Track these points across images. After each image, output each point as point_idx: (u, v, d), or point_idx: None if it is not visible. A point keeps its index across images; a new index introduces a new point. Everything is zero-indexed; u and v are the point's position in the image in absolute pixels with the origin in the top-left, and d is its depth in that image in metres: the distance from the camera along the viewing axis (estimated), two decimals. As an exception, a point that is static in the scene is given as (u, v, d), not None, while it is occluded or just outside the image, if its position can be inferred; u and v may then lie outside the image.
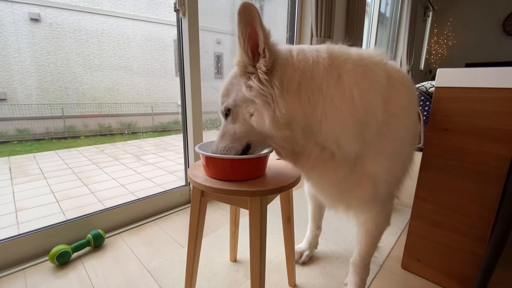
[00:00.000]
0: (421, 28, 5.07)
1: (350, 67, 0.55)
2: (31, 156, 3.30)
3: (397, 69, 0.62)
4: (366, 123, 0.54)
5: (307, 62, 0.55)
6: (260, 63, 0.54)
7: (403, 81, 0.60)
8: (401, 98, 0.58)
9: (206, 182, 0.64)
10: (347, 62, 0.56)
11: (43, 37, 3.76)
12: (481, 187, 0.81)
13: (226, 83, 0.62)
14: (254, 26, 0.52)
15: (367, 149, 0.58)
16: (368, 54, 0.59)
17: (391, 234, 1.26)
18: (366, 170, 0.60)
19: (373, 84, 0.55)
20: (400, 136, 0.60)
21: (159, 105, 5.28)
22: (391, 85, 0.57)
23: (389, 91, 0.57)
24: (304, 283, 0.95)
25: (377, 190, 0.62)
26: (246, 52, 0.55)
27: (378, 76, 0.56)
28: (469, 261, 0.87)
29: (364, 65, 0.56)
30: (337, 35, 2.23)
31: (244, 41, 0.54)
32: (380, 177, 0.61)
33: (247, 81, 0.56)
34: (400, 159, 0.63)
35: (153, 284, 0.93)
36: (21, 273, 0.97)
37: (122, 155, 3.46)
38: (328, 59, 0.55)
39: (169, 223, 1.34)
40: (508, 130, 0.75)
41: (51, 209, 1.81)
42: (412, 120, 0.62)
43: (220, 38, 4.33)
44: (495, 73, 0.75)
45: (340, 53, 0.57)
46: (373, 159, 0.59)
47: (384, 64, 0.59)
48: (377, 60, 0.58)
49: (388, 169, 0.61)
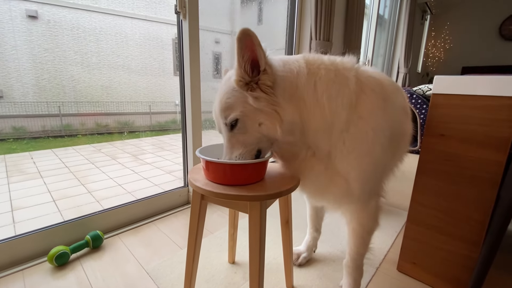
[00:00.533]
0: (419, 31, 5.11)
1: (323, 72, 0.63)
2: (27, 154, 3.28)
3: (370, 76, 0.67)
4: (332, 123, 0.63)
5: (292, 73, 0.63)
6: (264, 79, 0.59)
7: (374, 87, 0.65)
8: (370, 103, 0.64)
9: (207, 186, 0.65)
10: (321, 68, 0.64)
11: (41, 35, 3.73)
12: (476, 192, 0.83)
13: (225, 96, 0.64)
14: (253, 50, 0.57)
15: (335, 148, 0.65)
16: (340, 60, 0.67)
17: (387, 236, 1.28)
18: (337, 168, 0.66)
19: (341, 89, 0.62)
20: (369, 138, 0.64)
21: (157, 104, 5.26)
22: (361, 90, 0.64)
23: (358, 95, 0.63)
24: (302, 285, 0.96)
25: (349, 187, 0.67)
26: (246, 71, 0.59)
27: (347, 81, 0.63)
28: (464, 265, 0.89)
29: (335, 69, 0.64)
30: (336, 38, 2.25)
31: (244, 62, 0.58)
32: (350, 175, 0.66)
33: (253, 92, 0.60)
34: (370, 158, 0.66)
35: (152, 285, 0.93)
36: (20, 274, 0.97)
37: (120, 154, 3.45)
38: (306, 68, 0.63)
39: (168, 224, 1.34)
40: (502, 137, 0.77)
41: (48, 208, 1.81)
42: (382, 123, 0.65)
43: (218, 38, 4.32)
44: (490, 81, 0.77)
45: (314, 60, 0.65)
46: (342, 158, 0.65)
47: (356, 69, 0.66)
48: (348, 66, 0.66)
49: (359, 168, 0.66)
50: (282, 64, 0.64)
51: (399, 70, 4.18)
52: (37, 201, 1.92)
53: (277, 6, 2.55)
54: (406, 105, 0.79)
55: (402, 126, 0.76)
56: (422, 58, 5.54)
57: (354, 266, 0.85)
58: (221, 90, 0.66)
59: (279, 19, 2.26)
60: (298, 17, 2.11)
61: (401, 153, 0.83)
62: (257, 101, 0.60)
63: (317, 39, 1.94)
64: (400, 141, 0.76)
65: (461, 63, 5.24)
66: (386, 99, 0.67)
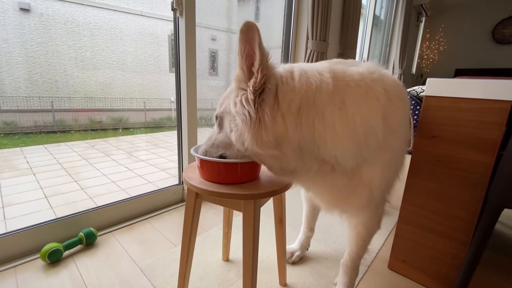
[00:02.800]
0: (414, 33, 5.16)
1: (353, 91, 0.57)
2: (19, 150, 3.22)
3: (393, 82, 0.63)
4: (366, 143, 0.57)
5: (309, 87, 0.55)
6: (250, 81, 0.54)
7: (400, 95, 0.62)
8: (398, 113, 0.61)
9: (201, 184, 0.66)
10: (350, 85, 0.57)
11: (33, 28, 3.66)
12: (465, 193, 0.85)
13: (226, 92, 0.65)
14: (252, 46, 0.52)
15: (365, 162, 0.61)
16: (368, 71, 0.61)
17: (379, 235, 1.30)
18: (362, 179, 0.63)
19: (373, 105, 0.57)
20: (395, 147, 0.64)
21: (152, 101, 5.22)
22: (389, 100, 0.59)
23: (387, 107, 0.59)
24: (295, 282, 0.97)
25: (372, 195, 0.65)
26: (243, 69, 0.55)
27: (378, 94, 0.58)
28: (452, 263, 0.91)
29: (365, 85, 0.58)
30: (332, 38, 2.26)
31: (242, 58, 0.54)
32: (375, 184, 0.64)
33: (235, 97, 0.58)
34: (393, 167, 0.67)
35: (146, 283, 0.93)
36: (12, 271, 0.96)
37: (114, 151, 3.42)
38: (332, 84, 0.56)
39: (162, 222, 1.34)
40: (491, 139, 0.79)
41: (40, 205, 1.79)
42: (405, 131, 0.66)
43: (215, 35, 4.30)
44: (481, 84, 0.79)
45: (342, 75, 0.58)
46: (370, 169, 0.63)
47: (382, 79, 0.61)
48: (375, 77, 0.60)
49: (383, 177, 0.65)
50: (297, 76, 0.56)
51: (394, 71, 4.22)
52: (29, 197, 1.90)
53: (274, 5, 2.55)
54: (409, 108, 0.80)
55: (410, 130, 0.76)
56: (416, 59, 5.60)
57: (352, 266, 0.87)
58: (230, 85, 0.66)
59: (276, 18, 2.26)
60: (295, 16, 2.12)
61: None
62: (234, 106, 0.57)
63: (314, 39, 1.95)
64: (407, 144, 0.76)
65: (455, 65, 5.32)
66: (407, 105, 0.66)
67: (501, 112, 0.76)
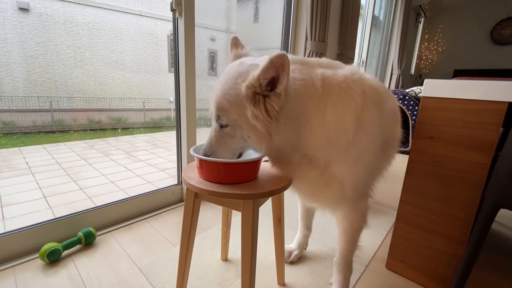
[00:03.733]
0: (413, 34, 5.18)
1: (335, 94, 0.63)
2: (17, 149, 3.22)
3: (372, 85, 0.69)
4: (338, 142, 0.64)
5: (306, 95, 0.62)
6: (274, 101, 0.57)
7: (376, 98, 0.67)
8: (372, 115, 0.66)
9: (200, 184, 0.66)
10: (334, 88, 0.63)
11: (32, 28, 3.65)
12: (462, 193, 0.86)
13: (226, 93, 0.61)
14: (279, 74, 0.55)
15: (337, 158, 0.67)
16: (350, 73, 0.67)
17: (377, 235, 1.30)
18: (334, 173, 0.69)
19: (349, 105, 0.63)
20: (366, 147, 0.68)
21: (151, 101, 5.21)
22: (365, 102, 0.65)
23: (363, 109, 0.64)
24: (293, 282, 0.98)
25: (344, 190, 0.70)
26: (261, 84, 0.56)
27: (355, 95, 0.64)
28: (449, 263, 0.92)
29: (346, 86, 0.64)
30: (331, 39, 2.27)
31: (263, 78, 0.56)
32: (346, 178, 0.69)
33: (255, 109, 0.58)
34: (364, 164, 0.70)
35: (144, 282, 0.94)
36: (11, 271, 0.96)
37: (113, 151, 3.42)
38: (321, 90, 0.62)
39: (161, 221, 1.35)
40: (488, 140, 0.79)
41: (39, 205, 1.79)
42: (379, 132, 0.69)
43: (214, 35, 4.30)
44: (478, 85, 0.80)
45: (330, 79, 0.64)
46: (341, 165, 0.68)
47: (362, 81, 0.67)
48: (356, 78, 0.66)
49: (353, 173, 0.69)
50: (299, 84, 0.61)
51: (393, 71, 4.23)
52: (28, 197, 1.90)
53: (273, 5, 2.55)
54: (397, 110, 0.82)
55: (392, 132, 0.79)
56: (415, 60, 5.62)
57: (344, 263, 0.88)
58: (227, 79, 0.62)
59: (275, 18, 2.26)
60: (294, 17, 2.12)
61: (390, 156, 0.85)
62: (255, 119, 0.59)
63: (312, 39, 1.95)
64: (390, 145, 0.79)
65: (453, 66, 5.34)
66: (382, 109, 0.70)
67: (498, 113, 0.77)
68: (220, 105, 0.62)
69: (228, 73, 0.63)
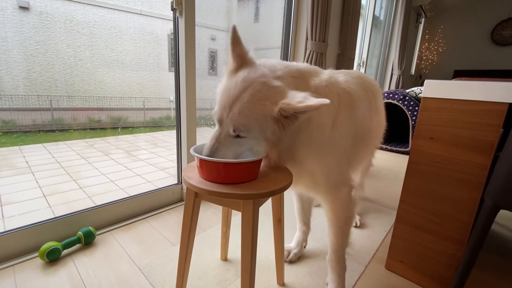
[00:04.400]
0: (413, 34, 5.18)
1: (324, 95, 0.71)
2: (17, 148, 3.22)
3: (344, 89, 0.79)
4: (317, 138, 0.72)
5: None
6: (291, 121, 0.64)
7: (346, 99, 0.78)
8: (343, 116, 0.76)
9: (200, 184, 0.66)
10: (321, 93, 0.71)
11: (32, 26, 3.65)
12: (462, 194, 0.86)
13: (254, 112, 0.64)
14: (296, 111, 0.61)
15: (311, 152, 0.75)
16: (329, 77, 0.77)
17: (376, 235, 1.31)
18: (306, 165, 0.77)
19: (329, 107, 0.72)
20: (336, 142, 0.76)
21: (151, 100, 5.21)
22: (339, 104, 0.75)
23: (337, 110, 0.74)
24: (292, 282, 0.98)
25: (316, 179, 0.78)
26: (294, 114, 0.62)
27: (333, 97, 0.73)
28: (449, 263, 0.92)
29: (328, 91, 0.73)
30: (331, 39, 2.27)
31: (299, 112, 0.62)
32: (317, 169, 0.77)
33: (276, 127, 0.65)
34: (333, 157, 0.78)
35: (144, 282, 0.94)
36: (10, 269, 0.96)
37: (113, 150, 3.42)
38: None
39: (160, 221, 1.35)
40: (488, 141, 0.79)
41: (38, 204, 1.78)
42: (347, 130, 0.79)
43: (215, 35, 4.30)
44: (478, 86, 0.80)
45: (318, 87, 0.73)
46: (313, 158, 0.76)
47: (337, 84, 0.78)
48: (333, 81, 0.76)
49: (324, 165, 0.77)
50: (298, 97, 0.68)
51: (393, 72, 4.23)
52: (27, 196, 1.90)
53: (274, 5, 2.55)
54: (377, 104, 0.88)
55: (368, 126, 0.89)
56: (415, 60, 5.62)
57: (336, 259, 0.89)
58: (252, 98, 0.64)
59: (275, 18, 2.26)
60: (294, 17, 2.12)
61: (368, 147, 0.94)
62: (272, 134, 0.66)
63: (313, 39, 1.95)
64: (366, 138, 0.90)
65: (454, 66, 5.34)
66: (354, 108, 0.80)
67: (498, 114, 0.77)
68: (244, 122, 0.64)
69: (252, 91, 0.64)
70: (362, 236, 1.29)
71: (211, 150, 0.67)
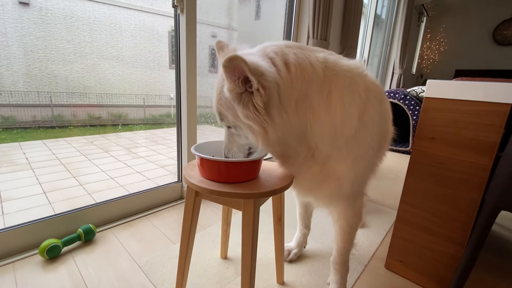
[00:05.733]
0: (415, 33, 5.16)
1: (339, 80, 0.62)
2: (17, 144, 3.21)
3: (374, 81, 0.69)
4: (342, 131, 0.63)
5: (303, 80, 0.59)
6: (256, 98, 0.55)
7: (377, 95, 0.68)
8: (373, 111, 0.66)
9: (201, 183, 0.66)
10: (338, 74, 0.62)
11: (32, 22, 3.63)
12: (462, 195, 0.86)
13: (218, 98, 0.62)
14: (243, 73, 0.53)
15: (338, 152, 0.66)
16: (354, 66, 0.66)
17: (376, 235, 1.31)
18: (333, 169, 0.69)
19: (354, 97, 0.63)
20: (366, 143, 0.67)
21: (151, 97, 5.19)
22: (367, 98, 0.64)
23: (365, 104, 0.64)
24: (292, 281, 0.98)
25: (341, 186, 0.70)
26: (238, 85, 0.55)
27: (359, 89, 0.63)
28: (448, 263, 0.92)
29: (351, 76, 0.63)
30: (333, 37, 2.26)
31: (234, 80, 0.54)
32: (344, 175, 0.69)
33: (243, 109, 0.57)
34: (363, 162, 0.70)
35: (144, 279, 0.94)
36: (10, 266, 0.96)
37: (113, 147, 3.41)
38: (323, 75, 0.60)
39: (161, 219, 1.35)
40: (489, 142, 0.79)
41: (38, 200, 1.78)
42: (378, 130, 0.71)
43: (215, 32, 4.27)
44: (481, 87, 0.79)
45: (333, 65, 0.63)
46: (341, 161, 0.68)
47: (365, 76, 0.67)
48: (360, 71, 0.66)
49: (352, 170, 0.69)
50: (293, 68, 0.58)
51: (394, 71, 4.22)
52: (27, 192, 1.90)
53: (275, 2, 2.53)
54: (389, 108, 0.84)
55: (386, 129, 0.81)
56: (417, 59, 5.60)
57: (341, 262, 0.88)
58: (218, 84, 0.62)
59: (277, 16, 2.25)
60: (296, 15, 2.11)
61: (383, 154, 0.88)
62: (246, 118, 0.58)
63: (314, 37, 1.94)
64: (384, 143, 0.81)
65: (455, 66, 5.33)
66: (382, 106, 0.71)
67: (500, 114, 0.77)
68: (218, 110, 0.65)
69: (218, 78, 0.63)
70: (362, 236, 1.29)
71: (223, 148, 0.72)
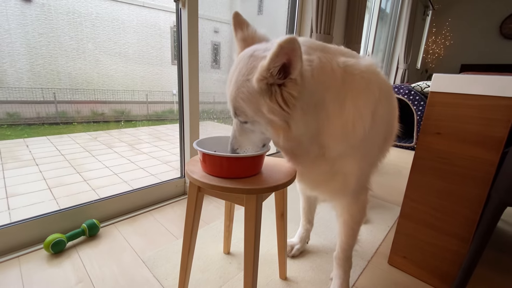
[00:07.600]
0: (420, 27, 5.08)
1: (356, 84, 0.62)
2: (22, 141, 3.24)
3: (385, 81, 0.70)
4: (354, 132, 0.62)
5: (324, 86, 0.59)
6: (290, 87, 0.53)
7: (387, 94, 0.69)
8: (383, 110, 0.66)
9: (204, 178, 0.66)
10: (356, 77, 0.62)
11: (35, 18, 3.63)
12: (468, 190, 0.85)
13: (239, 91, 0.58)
14: (291, 59, 0.50)
15: (351, 149, 0.66)
16: (370, 64, 0.66)
17: (380, 231, 1.30)
18: (343, 166, 0.69)
19: (369, 98, 0.63)
20: (373, 141, 0.69)
21: (154, 94, 5.20)
22: (379, 98, 0.65)
23: (377, 103, 0.64)
24: (295, 276, 0.98)
25: (347, 181, 0.71)
26: (272, 73, 0.52)
27: (374, 88, 0.64)
28: (452, 260, 0.91)
29: (368, 77, 0.63)
30: (337, 31, 2.23)
31: (274, 66, 0.51)
32: (351, 171, 0.70)
33: (271, 102, 0.55)
34: (369, 158, 0.73)
35: (147, 274, 0.95)
36: (16, 261, 0.98)
37: (116, 143, 3.43)
38: (341, 81, 0.60)
39: (164, 214, 1.36)
40: (496, 137, 0.78)
41: (43, 196, 1.80)
42: (386, 128, 0.72)
43: (218, 27, 4.25)
44: (487, 81, 0.77)
45: (352, 69, 0.62)
46: (352, 158, 0.68)
47: (378, 74, 0.67)
48: (374, 70, 0.66)
49: (359, 166, 0.70)
50: (316, 72, 0.57)
51: (399, 65, 4.17)
52: (32, 188, 1.92)
53: (278, -3, 2.50)
54: (396, 106, 0.84)
55: (392, 127, 0.81)
56: (422, 54, 5.52)
57: (344, 258, 0.88)
58: (238, 75, 0.58)
59: (280, 10, 2.22)
60: (299, 9, 2.08)
61: (387, 150, 0.88)
62: (271, 113, 0.56)
63: (318, 32, 1.92)
64: (389, 140, 0.82)
65: (460, 60, 5.25)
66: (391, 105, 0.72)
67: (507, 109, 0.75)
68: (235, 104, 0.60)
69: (239, 69, 0.59)
70: (365, 231, 1.28)
71: (230, 143, 0.69)
